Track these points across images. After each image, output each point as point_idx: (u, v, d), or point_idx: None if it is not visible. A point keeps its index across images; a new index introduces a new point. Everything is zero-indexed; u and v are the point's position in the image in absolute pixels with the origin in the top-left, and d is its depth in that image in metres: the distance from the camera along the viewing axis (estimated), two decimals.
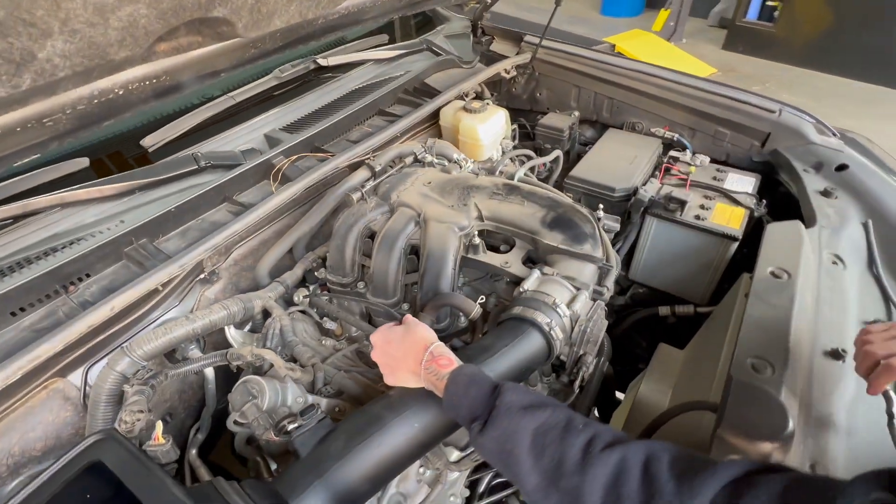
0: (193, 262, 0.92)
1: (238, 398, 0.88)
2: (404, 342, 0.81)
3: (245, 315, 1.11)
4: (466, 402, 0.69)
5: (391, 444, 0.75)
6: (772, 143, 1.46)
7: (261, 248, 1.30)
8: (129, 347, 0.94)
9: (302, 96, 1.40)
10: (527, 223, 1.16)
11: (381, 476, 0.75)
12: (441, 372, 0.73)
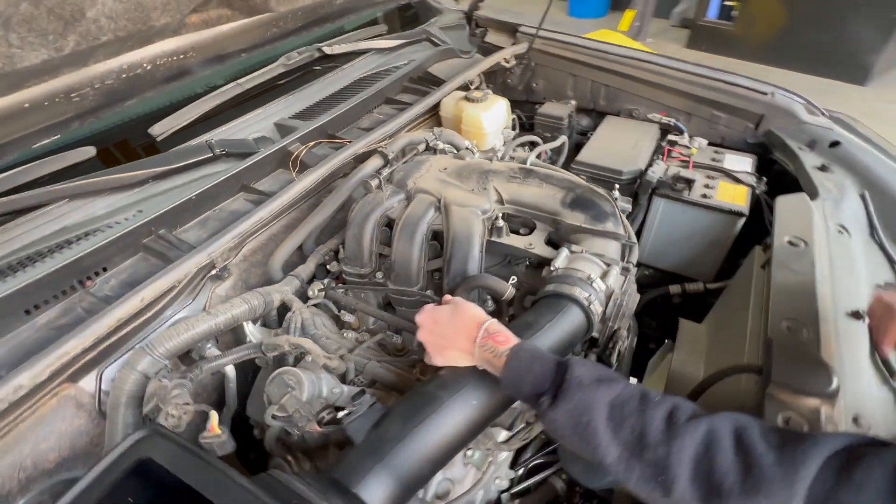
0: (221, 250, 0.87)
1: (276, 391, 0.84)
2: (454, 321, 0.79)
3: (265, 309, 1.07)
4: (530, 377, 0.67)
5: (449, 424, 0.73)
6: (765, 125, 1.53)
7: (270, 243, 1.26)
8: (150, 345, 0.88)
9: (308, 85, 1.36)
10: (547, 205, 1.17)
11: (442, 457, 0.73)
12: (499, 349, 0.72)
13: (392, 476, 0.69)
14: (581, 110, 1.85)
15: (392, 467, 0.69)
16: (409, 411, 0.74)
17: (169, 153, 1.03)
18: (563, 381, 0.63)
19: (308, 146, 1.14)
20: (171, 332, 0.90)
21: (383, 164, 1.27)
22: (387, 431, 0.72)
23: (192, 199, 0.95)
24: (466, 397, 0.75)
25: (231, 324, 0.99)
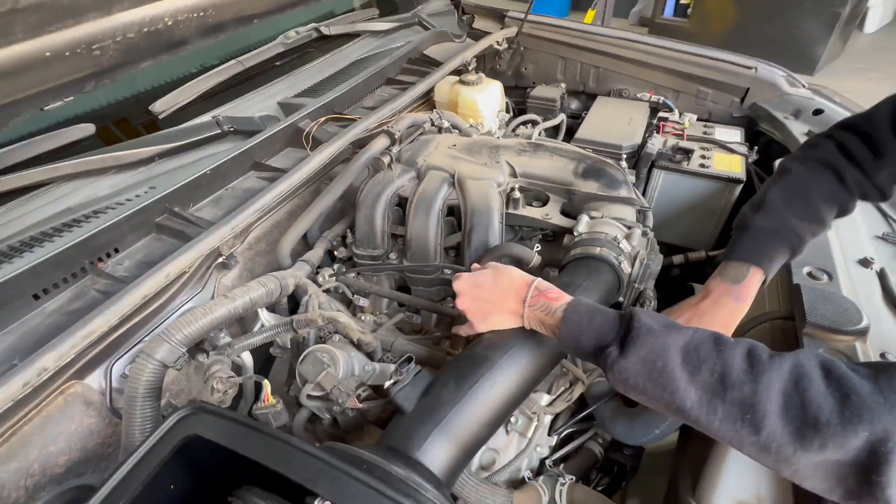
0: (244, 225, 0.82)
1: (310, 369, 0.80)
2: (499, 283, 0.77)
3: (281, 293, 1.02)
4: (592, 330, 0.65)
5: (503, 384, 0.71)
6: (750, 98, 1.59)
7: (274, 230, 1.21)
8: (168, 332, 0.82)
9: (307, 66, 1.32)
10: (560, 176, 1.17)
11: (497, 418, 0.71)
12: (552, 305, 0.70)
13: (450, 440, 0.66)
14: (571, 93, 1.88)
15: (449, 431, 0.67)
16: (461, 374, 0.71)
17: (175, 130, 0.97)
18: (631, 329, 0.62)
19: (319, 121, 1.10)
20: (188, 318, 0.84)
21: (390, 144, 1.24)
22: (440, 396, 0.69)
23: (206, 173, 0.89)
24: (517, 356, 0.73)
25: (248, 308, 0.93)
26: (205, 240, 0.79)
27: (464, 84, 1.60)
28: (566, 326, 0.68)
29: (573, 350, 0.69)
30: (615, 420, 0.88)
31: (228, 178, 0.98)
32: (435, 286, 1.17)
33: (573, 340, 0.67)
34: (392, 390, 0.72)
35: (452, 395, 0.69)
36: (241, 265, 1.13)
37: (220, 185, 0.97)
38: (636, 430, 0.84)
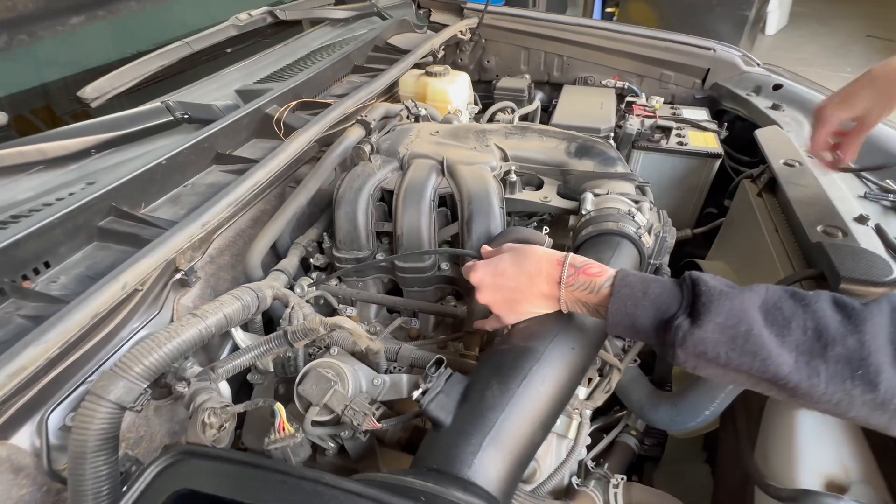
0: (216, 221, 0.67)
1: (314, 389, 0.66)
2: (525, 266, 0.67)
3: (258, 308, 0.87)
4: (649, 302, 0.56)
5: (554, 377, 0.61)
6: (711, 78, 1.63)
7: (237, 240, 1.05)
8: (123, 365, 0.65)
9: (264, 52, 1.17)
10: (553, 156, 1.10)
11: (551, 417, 0.61)
12: (596, 281, 0.61)
13: (502, 451, 0.55)
14: (536, 84, 1.85)
15: (500, 441, 0.56)
16: (504, 371, 0.61)
17: (115, 117, 0.80)
18: (699, 293, 0.54)
19: (290, 105, 0.96)
20: (148, 345, 0.67)
21: (366, 134, 1.12)
22: (483, 400, 0.58)
23: (161, 164, 0.73)
24: (563, 344, 0.64)
25: (222, 326, 0.77)
26: (168, 241, 0.63)
27: (431, 76, 1.52)
28: (617, 302, 0.58)
29: (627, 329, 0.59)
30: (655, 407, 0.81)
31: (187, 172, 0.82)
32: (432, 285, 1.06)
33: (627, 317, 0.58)
34: (423, 401, 0.59)
35: (498, 397, 0.58)
36: (203, 282, 0.97)
37: (178, 180, 0.81)
38: (683, 413, 0.77)
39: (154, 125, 0.80)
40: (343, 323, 0.68)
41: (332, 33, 1.36)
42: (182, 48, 0.95)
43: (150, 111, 0.82)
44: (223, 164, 0.89)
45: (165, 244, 0.63)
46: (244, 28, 1.10)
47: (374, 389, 0.74)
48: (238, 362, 0.69)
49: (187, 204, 0.78)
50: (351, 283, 1.12)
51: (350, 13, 1.42)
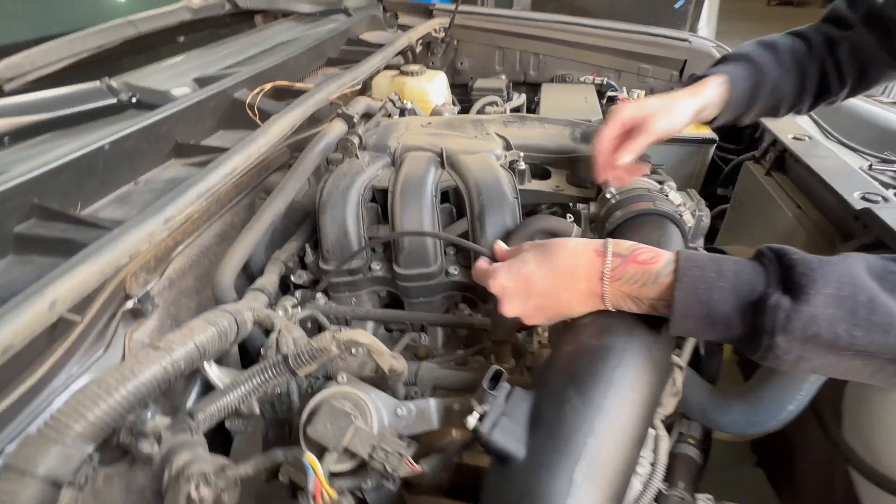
0: (182, 216, 0.51)
1: (329, 429, 0.49)
2: (555, 265, 0.55)
3: (237, 335, 0.69)
4: (728, 283, 0.45)
5: (642, 378, 0.49)
6: (688, 70, 1.62)
7: (202, 259, 0.88)
8: (57, 425, 0.47)
9: (224, 41, 1.02)
10: (560, 143, 1.01)
11: (645, 426, 0.48)
12: (651, 270, 0.49)
13: (600, 482, 0.42)
14: (512, 85, 1.78)
15: (595, 469, 0.42)
16: (579, 378, 0.47)
17: (39, 98, 0.62)
18: (790, 264, 0.43)
19: (264, 88, 0.81)
20: (93, 393, 0.50)
21: (349, 129, 0.99)
22: (562, 419, 0.44)
23: (104, 149, 0.55)
24: (644, 334, 0.51)
25: (193, 360, 0.60)
26: (117, 244, 0.46)
27: (407, 75, 1.41)
28: (686, 288, 0.46)
29: (700, 321, 0.46)
30: (723, 408, 0.70)
31: (139, 165, 0.65)
32: (439, 294, 0.92)
33: (701, 305, 0.45)
34: (482, 429, 0.45)
35: (581, 412, 0.44)
36: (162, 311, 0.79)
37: (127, 175, 0.64)
38: (762, 411, 0.66)
39: (90, 109, 0.62)
40: (360, 338, 0.53)
41: (298, 28, 1.23)
42: (125, 27, 0.78)
43: (85, 92, 0.65)
44: (185, 156, 0.73)
45: (113, 247, 0.46)
46: (199, 13, 0.94)
47: (399, 421, 0.59)
48: (224, 402, 0.52)
49: (140, 204, 0.61)
50: (342, 300, 0.96)
51: (317, 7, 1.30)
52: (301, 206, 1.15)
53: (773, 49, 0.82)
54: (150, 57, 0.87)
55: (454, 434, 0.70)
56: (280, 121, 0.74)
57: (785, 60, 0.81)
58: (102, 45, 0.73)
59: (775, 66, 0.80)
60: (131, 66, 0.78)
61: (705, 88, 0.78)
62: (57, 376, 0.60)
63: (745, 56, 0.81)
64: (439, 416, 0.63)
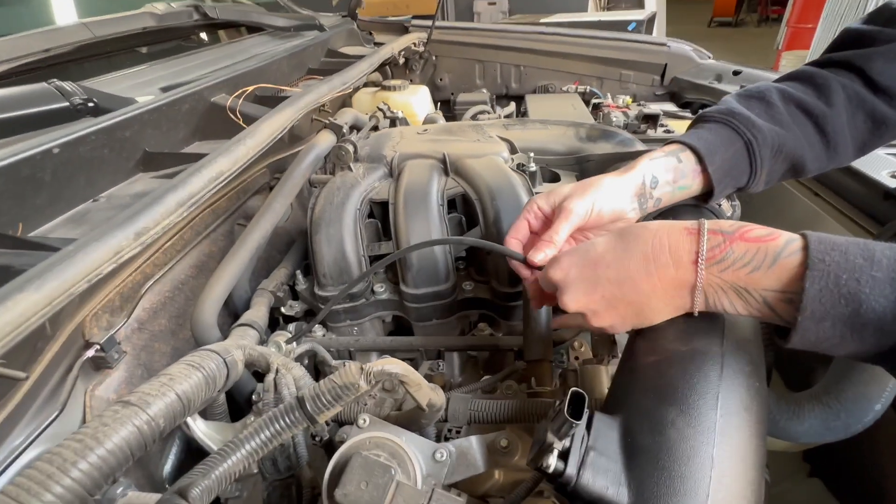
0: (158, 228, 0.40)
1: (366, 490, 0.38)
2: (635, 245, 0.44)
3: (227, 379, 0.58)
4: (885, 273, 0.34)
5: (749, 387, 0.40)
6: (669, 73, 1.62)
7: (177, 295, 0.77)
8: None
9: (194, 51, 0.91)
10: (567, 143, 0.95)
11: (763, 448, 0.38)
12: (770, 246, 0.38)
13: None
14: (495, 98, 1.75)
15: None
16: (677, 394, 0.38)
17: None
18: None
19: (247, 91, 0.71)
20: (45, 469, 0.37)
21: (336, 141, 0.90)
22: (670, 449, 0.35)
23: (51, 154, 0.44)
24: (739, 334, 0.43)
25: (175, 417, 0.48)
26: (70, 266, 0.35)
27: (390, 90, 1.34)
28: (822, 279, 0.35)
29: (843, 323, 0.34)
30: (796, 415, 0.61)
31: (99, 178, 0.53)
32: (454, 314, 0.82)
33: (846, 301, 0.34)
34: (568, 471, 0.35)
35: (691, 437, 0.35)
36: (131, 359, 0.67)
37: (84, 191, 0.52)
38: (844, 415, 0.58)
39: (35, 113, 0.51)
40: (392, 368, 0.42)
41: (272, 42, 1.14)
42: (79, 30, 0.67)
43: (29, 94, 0.53)
44: (155, 167, 0.61)
45: (63, 270, 0.35)
46: (164, 20, 0.85)
47: (439, 468, 0.48)
48: (224, 471, 0.40)
49: (96, 221, 0.50)
50: (342, 330, 0.84)
51: (291, 21, 1.22)
52: (285, 231, 1.04)
53: (761, 100, 0.62)
54: (109, 66, 0.76)
55: (496, 476, 0.59)
56: (270, 120, 0.65)
57: (779, 111, 0.61)
58: (51, 48, 0.62)
59: (769, 119, 0.61)
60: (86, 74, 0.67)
61: (639, 161, 0.59)
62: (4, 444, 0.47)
63: (727, 112, 0.61)
64: (483, 456, 0.52)
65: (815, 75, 0.63)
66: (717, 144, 0.59)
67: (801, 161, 0.62)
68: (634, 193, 0.58)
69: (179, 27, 0.89)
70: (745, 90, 0.66)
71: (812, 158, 0.63)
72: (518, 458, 0.57)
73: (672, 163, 0.59)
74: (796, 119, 0.61)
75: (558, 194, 0.58)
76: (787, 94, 0.62)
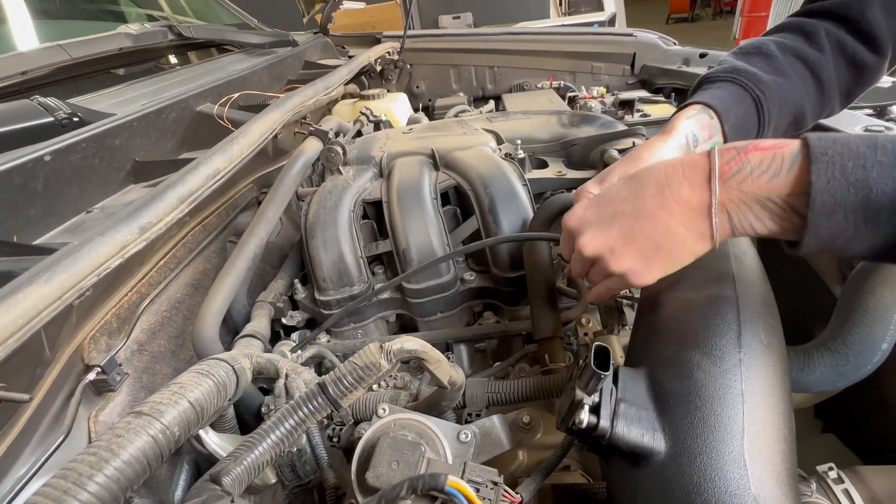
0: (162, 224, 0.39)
1: (396, 470, 0.37)
2: (648, 176, 0.43)
3: (239, 386, 0.56)
4: (888, 156, 0.34)
5: (767, 325, 0.40)
6: (639, 62, 1.66)
7: (175, 315, 0.76)
8: None
9: (172, 70, 0.90)
10: (551, 130, 0.96)
11: (788, 381, 0.39)
12: (784, 152, 0.37)
13: (772, 456, 0.33)
14: (473, 100, 1.77)
15: (763, 441, 0.33)
16: (699, 337, 0.38)
17: None
18: None
19: (233, 98, 0.71)
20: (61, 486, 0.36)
21: (327, 143, 0.90)
22: (702, 390, 0.35)
23: (42, 162, 0.43)
24: (751, 274, 0.44)
25: (189, 426, 0.46)
26: (74, 263, 0.33)
27: (369, 99, 1.35)
28: (829, 169, 0.34)
29: (856, 212, 0.34)
30: (807, 365, 0.62)
31: (91, 189, 0.52)
32: (458, 306, 0.81)
33: (856, 189, 0.34)
34: (602, 424, 0.35)
35: (720, 377, 0.35)
36: (133, 382, 0.65)
37: (77, 203, 0.50)
38: (853, 358, 0.59)
39: (19, 129, 0.50)
40: (411, 345, 0.41)
41: (249, 59, 1.14)
42: (55, 52, 0.66)
43: (13, 110, 0.52)
44: (147, 176, 0.60)
45: (73, 262, 0.34)
46: (140, 41, 0.84)
47: (465, 448, 0.47)
48: (255, 458, 0.38)
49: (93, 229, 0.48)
50: (346, 334, 0.83)
51: (265, 39, 1.23)
52: (276, 246, 1.03)
53: (761, 54, 0.64)
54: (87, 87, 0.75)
55: (521, 458, 0.58)
56: (260, 121, 0.64)
57: (782, 63, 0.64)
58: (28, 70, 0.61)
59: (774, 73, 0.63)
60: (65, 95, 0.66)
61: (678, 121, 0.62)
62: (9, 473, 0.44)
63: (733, 70, 0.64)
64: (507, 434, 0.51)
65: (804, 24, 0.66)
66: (731, 102, 0.61)
67: (803, 112, 0.64)
68: (681, 153, 0.59)
69: (155, 47, 0.89)
70: (741, 47, 0.68)
71: (811, 108, 0.65)
72: (541, 436, 0.57)
73: (706, 120, 0.61)
74: (795, 68, 0.63)
75: (611, 172, 0.58)
76: (783, 44, 0.64)
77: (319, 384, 0.40)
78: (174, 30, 0.89)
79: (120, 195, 0.59)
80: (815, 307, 0.82)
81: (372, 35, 1.73)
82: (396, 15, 3.99)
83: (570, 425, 0.37)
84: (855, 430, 0.83)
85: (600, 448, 0.37)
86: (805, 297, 0.85)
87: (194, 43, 0.98)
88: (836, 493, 0.49)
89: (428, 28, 4.70)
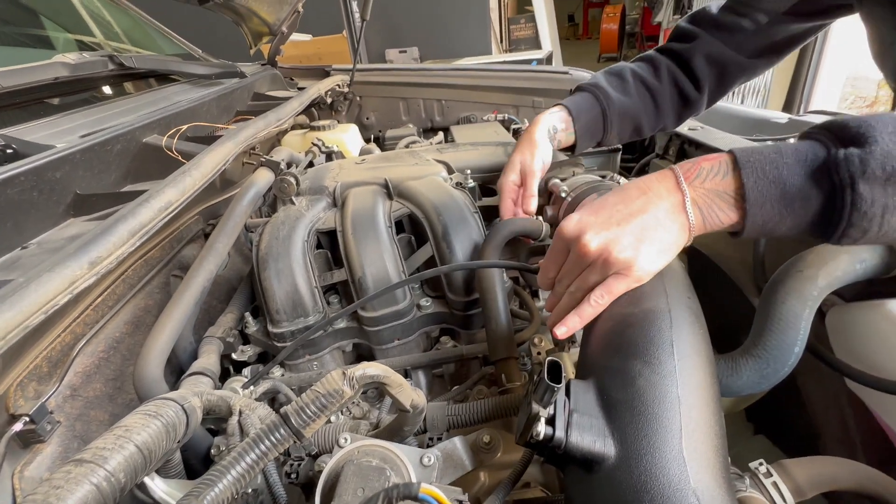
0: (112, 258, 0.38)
1: (362, 497, 0.37)
2: (629, 189, 0.52)
3: (189, 427, 0.54)
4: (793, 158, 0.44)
5: (697, 333, 0.45)
6: None
7: (113, 355, 0.72)
8: None
9: (112, 100, 0.86)
10: (498, 160, 1.02)
11: (717, 385, 0.43)
12: (721, 162, 0.48)
13: (707, 452, 0.36)
14: (422, 132, 1.83)
15: (698, 439, 0.36)
16: (637, 348, 0.42)
17: None
18: (842, 125, 0.44)
19: (181, 129, 0.69)
20: None
21: (274, 178, 0.89)
22: (641, 395, 0.38)
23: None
24: (678, 290, 0.48)
25: (135, 472, 0.44)
26: (23, 298, 0.32)
27: (319, 130, 1.36)
28: (754, 173, 0.45)
29: (777, 201, 0.44)
30: (734, 371, 0.68)
31: (27, 224, 0.49)
32: (415, 332, 0.82)
33: (774, 184, 0.44)
34: (557, 434, 0.37)
35: (658, 382, 0.39)
36: (65, 430, 0.61)
37: (12, 238, 0.47)
38: (772, 361, 0.65)
39: None
40: (372, 370, 0.42)
41: (195, 89, 1.12)
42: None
43: None
44: (89, 210, 0.57)
45: (19, 299, 0.32)
46: (77, 70, 0.80)
47: (428, 472, 0.47)
48: (213, 498, 0.36)
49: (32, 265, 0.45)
50: (301, 367, 0.81)
51: (212, 69, 1.21)
52: (225, 280, 1.00)
53: (619, 76, 0.93)
54: (20, 117, 0.70)
55: (482, 479, 0.59)
56: (213, 153, 0.64)
57: (630, 86, 0.92)
58: None
59: (622, 92, 0.91)
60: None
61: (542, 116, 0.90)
62: None
63: (594, 85, 0.92)
64: (469, 455, 0.53)
65: (654, 58, 0.94)
66: (584, 108, 0.90)
67: (640, 124, 0.93)
68: (546, 137, 0.88)
69: (94, 77, 0.85)
70: (610, 68, 0.97)
71: (647, 122, 0.93)
72: (501, 455, 0.58)
73: (564, 116, 0.90)
74: (639, 91, 0.92)
75: (516, 164, 0.87)
76: (635, 72, 0.93)
77: (281, 414, 0.40)
78: (115, 59, 0.86)
79: (58, 230, 0.55)
80: (738, 317, 0.90)
81: (321, 68, 1.75)
82: (343, 48, 4.06)
83: (528, 439, 0.39)
84: (780, 428, 0.91)
85: (557, 458, 0.39)
86: (729, 309, 0.94)
87: (137, 73, 0.96)
88: (767, 486, 0.54)
89: (375, 61, 4.82)
